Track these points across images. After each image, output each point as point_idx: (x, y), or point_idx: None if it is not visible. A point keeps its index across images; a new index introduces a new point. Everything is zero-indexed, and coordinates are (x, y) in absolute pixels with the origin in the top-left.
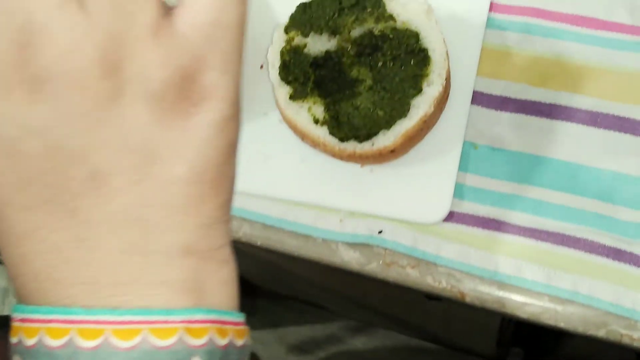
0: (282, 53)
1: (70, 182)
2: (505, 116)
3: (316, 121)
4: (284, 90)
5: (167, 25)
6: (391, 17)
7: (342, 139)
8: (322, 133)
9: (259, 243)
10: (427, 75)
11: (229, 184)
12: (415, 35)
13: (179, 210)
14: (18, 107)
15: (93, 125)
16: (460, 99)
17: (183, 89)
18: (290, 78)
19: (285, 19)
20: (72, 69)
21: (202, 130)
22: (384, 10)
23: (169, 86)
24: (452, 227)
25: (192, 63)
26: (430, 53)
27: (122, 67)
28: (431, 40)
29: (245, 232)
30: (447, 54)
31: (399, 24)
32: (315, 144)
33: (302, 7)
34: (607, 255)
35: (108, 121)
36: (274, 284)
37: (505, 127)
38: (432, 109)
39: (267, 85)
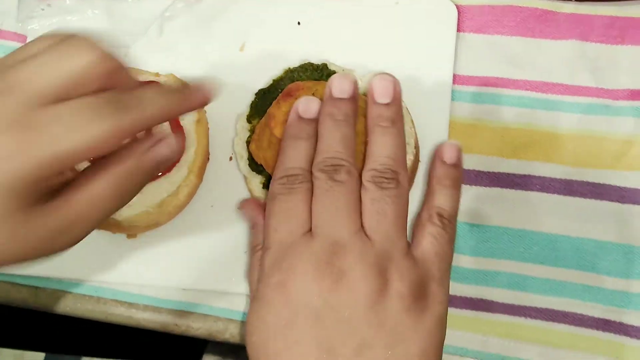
0: (248, 143)
1: (342, 349)
2: (480, 191)
3: None
4: (257, 180)
5: (410, 251)
6: None
7: None
8: None
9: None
10: None
11: None
12: None
13: None
14: (325, 288)
15: (369, 309)
16: None
17: (420, 292)
18: (261, 166)
19: (244, 108)
20: (361, 269)
21: (431, 323)
22: None
23: (413, 288)
24: None
25: (424, 276)
26: None
27: (388, 273)
28: None
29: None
30: (413, 122)
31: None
32: None
33: (260, 93)
34: (597, 328)
35: (377, 308)
36: None
37: (481, 202)
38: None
39: (238, 176)
